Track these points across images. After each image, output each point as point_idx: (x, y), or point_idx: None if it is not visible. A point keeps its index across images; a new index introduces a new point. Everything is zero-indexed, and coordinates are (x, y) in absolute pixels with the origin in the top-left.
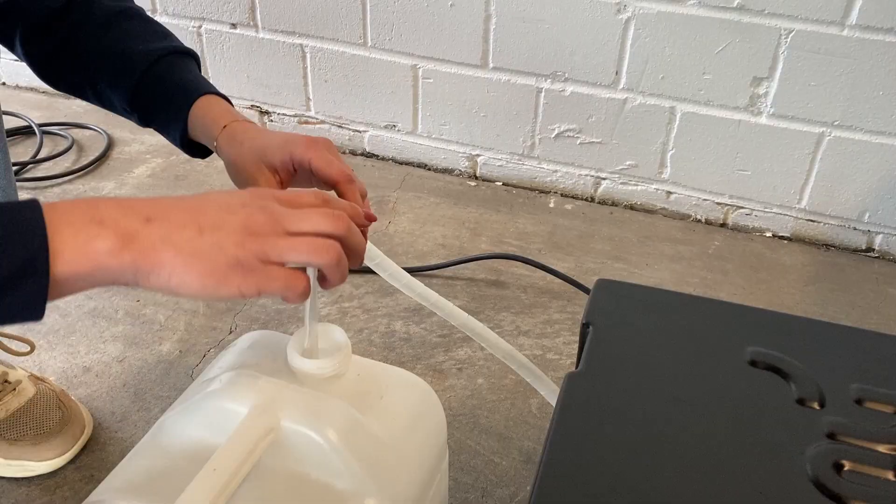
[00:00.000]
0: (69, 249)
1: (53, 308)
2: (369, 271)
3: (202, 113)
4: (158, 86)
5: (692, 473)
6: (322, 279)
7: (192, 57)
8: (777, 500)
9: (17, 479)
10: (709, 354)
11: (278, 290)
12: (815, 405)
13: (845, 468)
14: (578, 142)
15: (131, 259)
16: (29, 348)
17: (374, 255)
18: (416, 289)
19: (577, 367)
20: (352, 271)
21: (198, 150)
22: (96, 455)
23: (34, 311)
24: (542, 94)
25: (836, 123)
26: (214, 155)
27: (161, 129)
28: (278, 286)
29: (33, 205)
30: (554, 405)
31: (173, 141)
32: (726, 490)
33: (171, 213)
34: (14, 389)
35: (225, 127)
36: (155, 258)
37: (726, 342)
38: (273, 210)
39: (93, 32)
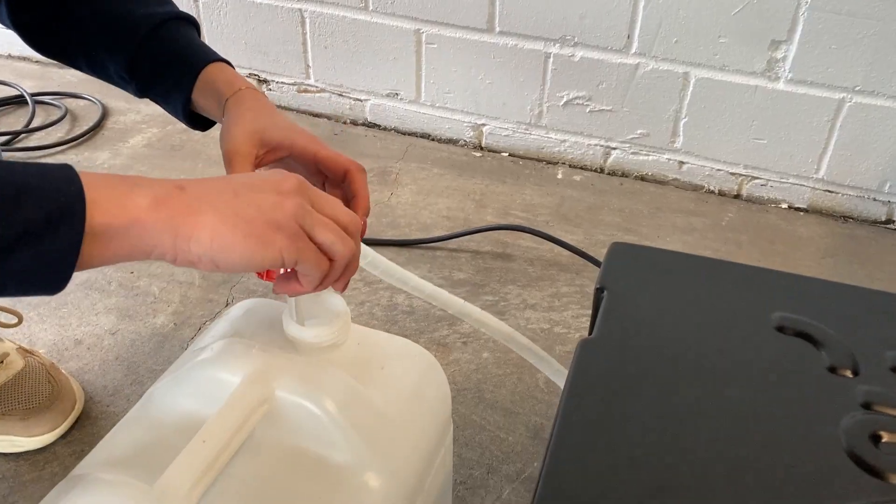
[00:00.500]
0: (105, 200)
1: None
2: (372, 244)
3: (212, 78)
4: (161, 52)
5: (716, 446)
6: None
7: (192, 23)
8: (811, 474)
9: (4, 455)
10: (732, 320)
11: (311, 262)
12: (849, 373)
13: (883, 440)
14: (588, 110)
15: (169, 217)
16: (17, 320)
17: (365, 254)
18: (410, 282)
19: (590, 334)
20: None
21: (198, 122)
22: (87, 430)
23: (61, 270)
24: (551, 59)
25: (857, 89)
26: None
27: (160, 98)
28: (312, 257)
29: (65, 165)
30: (562, 386)
31: (173, 110)
32: (755, 464)
33: (203, 183)
34: (1, 362)
35: (239, 90)
36: (194, 220)
37: (751, 307)
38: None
39: None
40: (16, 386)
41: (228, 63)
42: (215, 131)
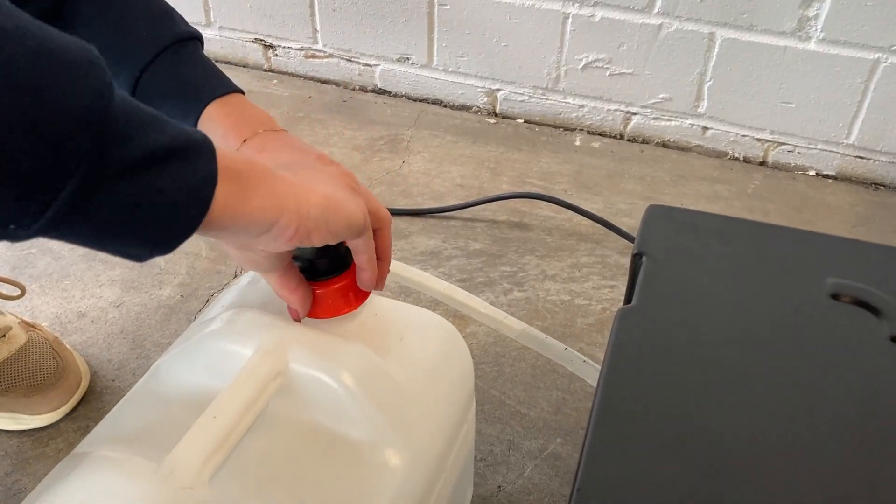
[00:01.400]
0: (224, 152)
1: (46, 250)
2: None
3: (215, 121)
4: (166, 81)
5: (771, 421)
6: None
7: (197, 40)
8: (876, 453)
9: (7, 431)
10: (782, 287)
11: (363, 217)
12: None
13: None
14: (608, 73)
15: (288, 180)
16: (20, 292)
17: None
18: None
19: (626, 303)
20: None
21: None
22: (92, 405)
23: (200, 198)
24: (569, 19)
25: (893, 49)
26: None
27: None
28: (374, 202)
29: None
30: (596, 383)
31: None
32: (812, 441)
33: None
34: (3, 336)
35: (245, 141)
36: (302, 184)
37: (803, 273)
38: None
39: (91, 4)
40: (19, 361)
41: (240, 91)
42: None
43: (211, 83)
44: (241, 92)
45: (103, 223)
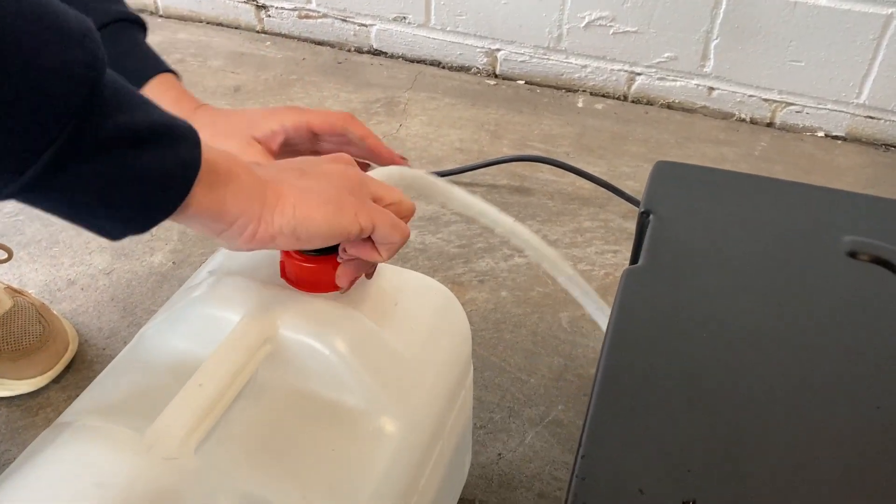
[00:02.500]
0: (206, 143)
1: (34, 216)
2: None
3: (157, 93)
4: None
5: (783, 383)
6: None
7: (141, 27)
8: (895, 414)
9: None
10: (797, 245)
11: (387, 225)
12: None
13: None
14: (611, 31)
15: (259, 182)
16: (7, 255)
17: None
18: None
19: (632, 263)
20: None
21: None
22: (82, 374)
23: (182, 181)
24: None
25: None
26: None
27: None
28: (387, 220)
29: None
30: (605, 327)
31: None
32: (827, 403)
33: (269, 163)
34: None
35: (198, 108)
36: (276, 188)
37: (817, 230)
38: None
39: None
40: (4, 326)
41: (175, 73)
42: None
43: (151, 62)
44: (178, 76)
45: (79, 194)
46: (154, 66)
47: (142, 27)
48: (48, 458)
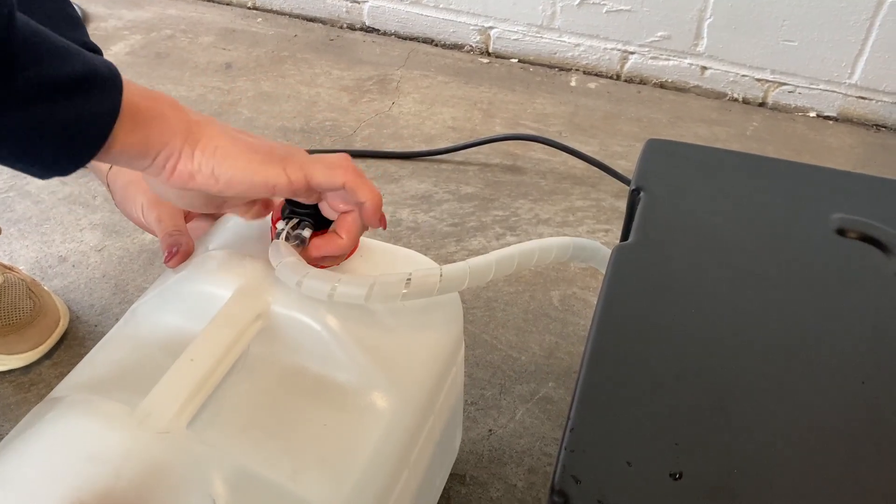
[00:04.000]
0: (136, 87)
1: (24, 193)
2: (373, 157)
3: None
4: None
5: (771, 359)
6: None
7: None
8: (884, 389)
9: None
10: (785, 222)
11: (323, 174)
12: None
13: None
14: (605, 10)
15: (186, 120)
16: None
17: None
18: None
19: (623, 240)
20: (354, 156)
21: None
22: (74, 350)
23: (99, 129)
24: None
25: None
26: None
27: None
28: (321, 168)
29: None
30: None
31: None
32: (815, 379)
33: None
34: None
35: None
36: (204, 128)
37: (806, 208)
38: None
39: None
40: None
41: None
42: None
43: None
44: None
45: None
46: None
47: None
48: (40, 433)
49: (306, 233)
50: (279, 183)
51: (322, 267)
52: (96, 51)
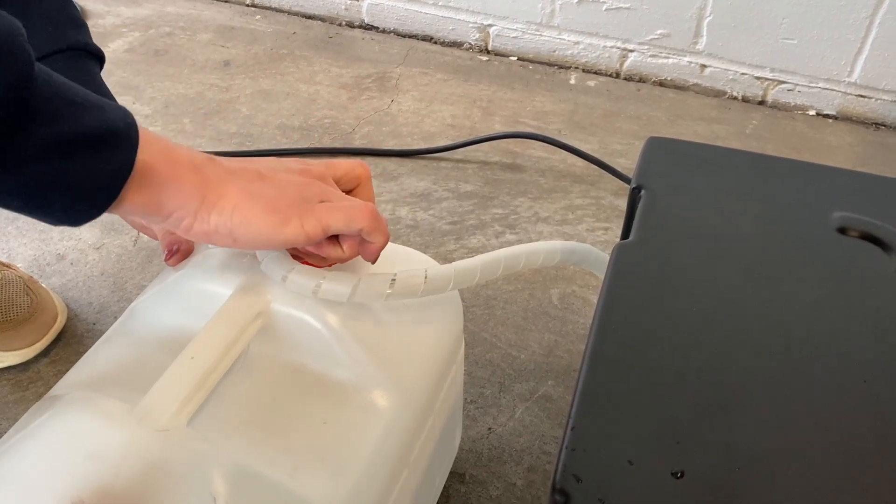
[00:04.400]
0: (153, 143)
1: None
2: (372, 154)
3: None
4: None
5: (772, 358)
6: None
7: (98, 59)
8: (886, 388)
9: None
10: (786, 221)
11: (342, 221)
12: None
13: None
14: (604, 8)
15: (201, 182)
16: None
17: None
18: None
19: (624, 238)
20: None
21: None
22: (73, 348)
23: (110, 188)
24: None
25: None
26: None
27: None
28: (341, 217)
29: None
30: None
31: None
32: (816, 378)
33: (231, 160)
34: None
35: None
36: (220, 189)
37: (807, 206)
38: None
39: None
40: None
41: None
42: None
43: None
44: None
45: (5, 198)
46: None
47: (99, 60)
48: (39, 431)
49: None
50: (297, 241)
51: (308, 264)
52: (98, 53)
